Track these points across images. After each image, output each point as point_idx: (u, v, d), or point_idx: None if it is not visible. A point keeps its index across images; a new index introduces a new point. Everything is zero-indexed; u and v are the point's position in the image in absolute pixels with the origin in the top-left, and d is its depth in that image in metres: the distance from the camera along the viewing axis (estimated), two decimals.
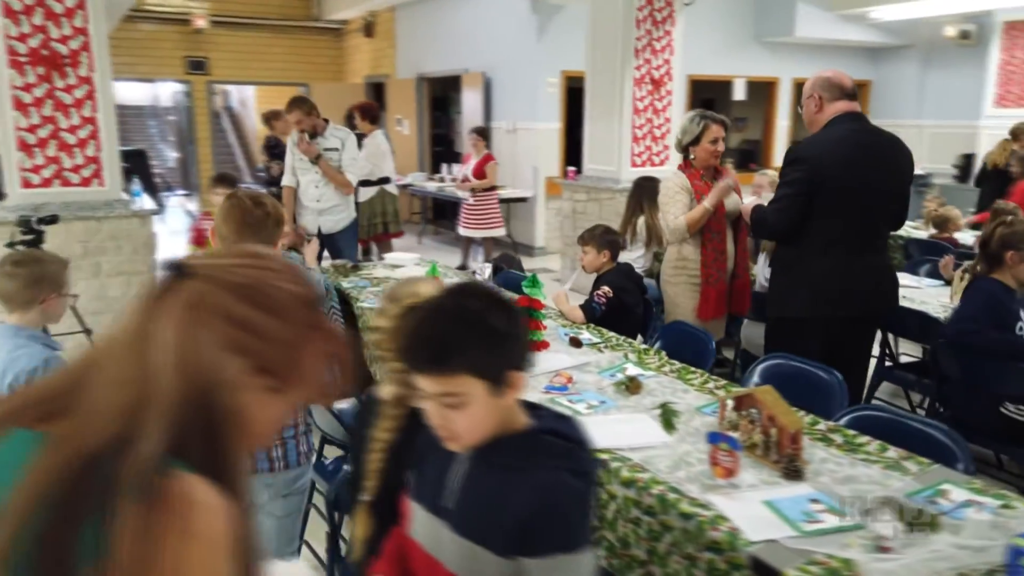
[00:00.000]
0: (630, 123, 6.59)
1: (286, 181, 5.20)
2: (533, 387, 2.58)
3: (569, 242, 7.23)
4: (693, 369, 2.86)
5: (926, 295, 4.10)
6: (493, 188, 7.70)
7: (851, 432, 2.30)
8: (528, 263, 7.66)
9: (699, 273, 3.34)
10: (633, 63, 6.47)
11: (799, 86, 10.53)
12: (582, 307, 3.51)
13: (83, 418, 0.71)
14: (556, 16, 8.38)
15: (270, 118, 6.83)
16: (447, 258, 7.17)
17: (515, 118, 8.95)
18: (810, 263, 2.91)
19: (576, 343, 3.15)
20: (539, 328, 3.13)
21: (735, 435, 1.99)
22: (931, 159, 9.72)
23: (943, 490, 1.95)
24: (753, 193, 5.20)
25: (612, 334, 3.30)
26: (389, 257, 4.89)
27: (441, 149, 11.39)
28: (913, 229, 5.76)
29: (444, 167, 10.03)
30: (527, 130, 8.81)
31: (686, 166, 3.53)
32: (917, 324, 3.61)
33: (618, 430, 2.28)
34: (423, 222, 10.66)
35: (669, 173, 3.53)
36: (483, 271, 4.04)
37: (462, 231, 7.77)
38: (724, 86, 9.93)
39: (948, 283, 4.19)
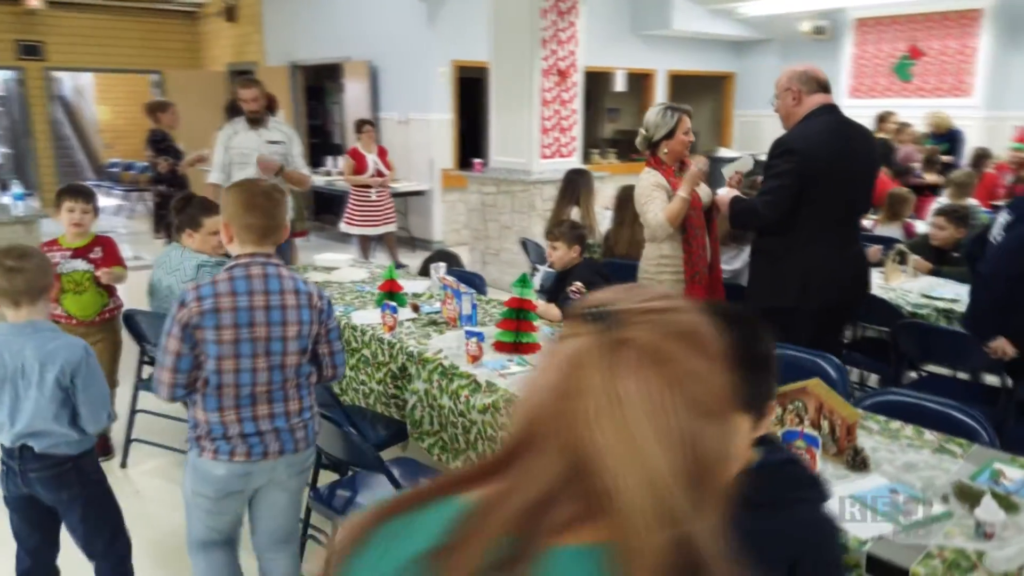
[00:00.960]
0: (539, 114, 6.54)
1: (214, 179, 4.73)
2: None
3: (479, 235, 7.10)
4: None
5: None
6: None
7: (882, 418, 2.37)
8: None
9: (683, 270, 3.31)
10: (540, 54, 6.43)
11: (674, 78, 11.07)
12: (556, 304, 3.43)
13: (620, 527, 0.56)
14: (446, 3, 8.18)
15: (155, 110, 6.21)
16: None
17: (406, 109, 8.68)
18: (801, 253, 2.96)
19: None
20: (533, 330, 3.02)
21: (814, 433, 1.98)
22: None
23: (998, 470, 2.03)
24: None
25: None
26: (320, 259, 4.57)
27: (318, 141, 10.89)
28: None
29: (329, 160, 9.58)
30: (420, 121, 8.57)
31: (656, 163, 3.41)
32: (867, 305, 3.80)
33: None
34: (309, 218, 10.14)
35: (643, 173, 3.43)
36: (438, 271, 3.85)
37: (357, 229, 7.32)
38: (601, 77, 10.11)
39: (874, 265, 4.47)
